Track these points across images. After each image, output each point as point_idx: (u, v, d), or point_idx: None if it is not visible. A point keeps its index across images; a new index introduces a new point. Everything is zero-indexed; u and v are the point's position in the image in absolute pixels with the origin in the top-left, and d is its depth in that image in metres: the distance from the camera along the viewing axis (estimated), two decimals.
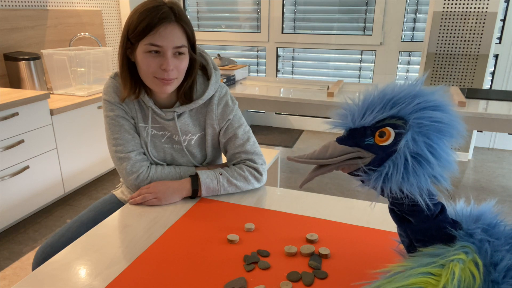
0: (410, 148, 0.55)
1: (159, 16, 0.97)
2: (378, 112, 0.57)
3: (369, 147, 0.58)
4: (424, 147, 0.55)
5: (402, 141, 0.56)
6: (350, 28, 3.54)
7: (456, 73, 3.01)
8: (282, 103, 2.43)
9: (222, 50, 4.06)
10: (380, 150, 0.57)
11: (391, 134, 0.57)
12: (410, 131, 0.56)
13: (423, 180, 0.56)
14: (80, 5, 3.07)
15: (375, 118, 0.57)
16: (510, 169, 3.05)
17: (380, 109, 0.57)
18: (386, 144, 0.57)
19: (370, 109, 0.58)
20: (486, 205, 0.63)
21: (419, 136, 0.55)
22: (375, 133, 0.58)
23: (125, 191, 1.24)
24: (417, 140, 0.55)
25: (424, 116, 0.55)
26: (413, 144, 0.55)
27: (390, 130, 0.57)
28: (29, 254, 1.97)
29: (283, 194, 1.12)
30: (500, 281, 0.54)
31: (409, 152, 0.55)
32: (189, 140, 1.16)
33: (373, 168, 0.58)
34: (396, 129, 0.57)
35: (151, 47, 0.99)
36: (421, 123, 0.55)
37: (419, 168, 0.55)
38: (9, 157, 2.00)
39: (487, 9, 2.79)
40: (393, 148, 0.57)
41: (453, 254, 0.55)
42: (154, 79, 1.02)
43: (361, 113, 0.59)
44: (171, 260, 0.82)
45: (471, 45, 2.90)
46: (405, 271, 0.56)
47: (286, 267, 0.80)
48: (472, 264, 0.54)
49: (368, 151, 0.58)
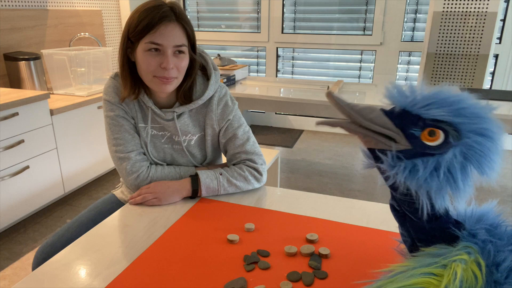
0: (448, 162, 0.54)
1: (160, 15, 0.97)
2: (444, 112, 0.54)
3: (411, 137, 0.55)
4: (459, 168, 0.54)
5: (447, 153, 0.54)
6: (350, 28, 3.54)
7: (456, 73, 3.01)
8: (282, 103, 2.43)
9: (222, 50, 4.06)
10: (419, 146, 0.55)
11: (439, 138, 0.54)
12: (459, 147, 0.54)
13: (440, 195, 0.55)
14: (80, 5, 3.07)
15: (436, 115, 0.54)
16: (510, 169, 3.05)
17: (448, 111, 0.54)
18: (429, 144, 0.54)
19: (437, 104, 0.55)
20: (488, 206, 0.63)
21: (461, 156, 0.54)
22: (426, 128, 0.55)
23: (125, 191, 1.24)
24: (458, 159, 0.54)
25: (477, 140, 0.54)
26: (454, 160, 0.54)
27: (441, 134, 0.54)
28: (29, 254, 1.97)
29: (283, 194, 1.12)
30: (502, 282, 0.54)
31: (444, 164, 0.54)
32: (189, 141, 1.16)
33: (401, 157, 0.56)
34: (447, 137, 0.55)
35: (151, 46, 0.99)
36: (470, 145, 0.54)
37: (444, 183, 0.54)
38: (9, 157, 2.00)
39: (487, 9, 2.79)
40: (431, 151, 0.55)
41: (455, 254, 0.55)
42: (154, 78, 1.02)
43: (425, 102, 0.55)
44: (171, 260, 0.82)
45: (471, 45, 2.90)
46: (407, 271, 0.56)
47: (286, 267, 0.80)
48: (474, 264, 0.54)
49: (407, 139, 0.55)
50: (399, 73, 3.51)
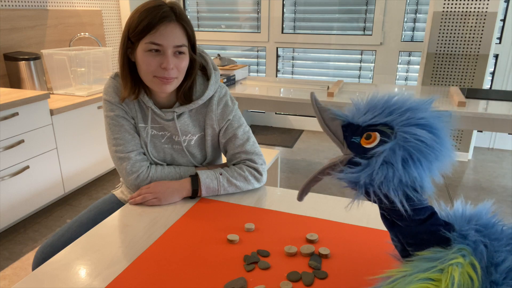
0: (386, 157, 0.56)
1: (160, 15, 0.98)
2: (375, 116, 0.59)
3: (352, 144, 0.60)
4: (400, 161, 0.56)
5: (382, 148, 0.57)
6: (350, 28, 3.54)
7: (456, 73, 3.01)
8: (282, 103, 2.43)
9: (222, 50, 4.06)
10: (360, 151, 0.59)
11: (376, 139, 0.58)
12: (393, 142, 0.57)
13: (393, 182, 0.56)
14: (80, 5, 3.07)
15: (369, 120, 0.59)
16: (510, 169, 3.05)
17: (378, 114, 0.59)
18: (368, 146, 0.58)
19: (370, 111, 0.60)
20: (482, 206, 0.63)
21: (400, 149, 0.56)
22: (364, 134, 0.59)
23: (125, 191, 1.24)
24: (396, 153, 0.56)
25: (410, 132, 0.56)
26: (392, 155, 0.56)
27: (377, 135, 0.58)
28: (29, 254, 1.97)
29: (283, 194, 1.12)
30: (500, 282, 0.54)
31: (384, 160, 0.56)
32: (189, 141, 1.16)
33: (351, 166, 0.59)
34: (383, 136, 0.58)
35: (152, 46, 0.99)
36: (406, 138, 0.56)
37: (389, 174, 0.56)
38: (9, 157, 2.00)
39: (487, 9, 2.79)
40: (373, 152, 0.58)
41: (451, 258, 0.55)
42: (154, 78, 1.02)
43: (362, 112, 0.60)
44: (171, 260, 0.82)
45: (471, 45, 2.90)
46: (405, 276, 0.56)
47: (286, 267, 0.80)
48: (469, 267, 0.54)
49: (349, 148, 0.60)
50: (399, 73, 3.51)
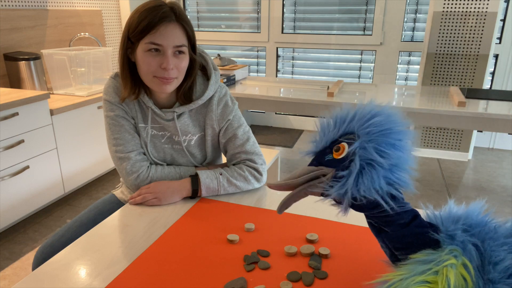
0: (361, 155, 0.60)
1: (160, 15, 0.97)
2: (331, 132, 0.65)
3: (329, 162, 0.64)
4: (374, 151, 0.59)
5: (352, 150, 0.61)
6: (350, 28, 3.54)
7: (456, 73, 3.01)
8: (282, 103, 2.43)
9: (222, 50, 4.06)
10: (338, 163, 0.63)
11: (345, 147, 0.63)
12: (359, 141, 0.61)
13: (377, 181, 0.59)
14: (80, 5, 3.07)
15: (330, 138, 0.65)
16: (510, 169, 3.05)
17: (332, 130, 0.65)
18: (341, 156, 0.63)
19: (336, 125, 0.66)
20: (473, 205, 0.63)
21: (368, 143, 0.60)
22: (331, 149, 0.65)
23: (125, 191, 1.24)
24: (366, 148, 0.60)
25: (368, 124, 0.61)
26: (363, 152, 0.60)
27: (344, 144, 0.63)
28: (29, 254, 1.97)
29: (283, 194, 1.12)
30: (497, 281, 0.54)
31: (360, 159, 0.60)
32: (189, 141, 1.16)
33: (336, 180, 0.62)
34: (349, 143, 0.62)
35: (152, 46, 0.99)
36: (368, 132, 0.61)
37: (373, 171, 0.59)
38: (9, 157, 2.00)
39: (487, 9, 2.79)
40: (349, 159, 0.61)
41: (444, 259, 0.56)
42: (154, 78, 1.02)
43: (321, 138, 0.67)
44: (171, 260, 0.82)
45: (471, 45, 2.90)
46: (402, 280, 0.56)
47: (286, 267, 0.80)
48: (462, 267, 0.55)
49: (328, 167, 0.64)
50: (399, 73, 3.51)
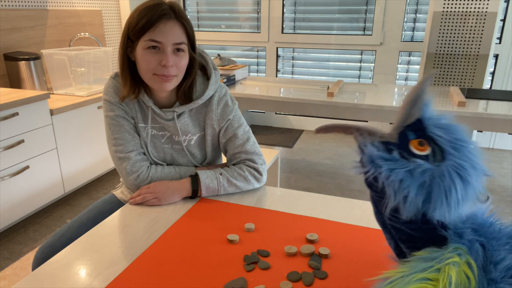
0: (454, 166, 0.55)
1: (159, 13, 0.99)
2: (444, 136, 0.57)
3: (402, 134, 0.58)
4: (467, 168, 0.55)
5: (441, 167, 0.55)
6: (350, 28, 3.54)
7: (456, 73, 3.01)
8: (282, 103, 2.43)
9: (222, 50, 4.06)
10: (403, 145, 0.57)
11: (426, 150, 0.56)
12: (443, 166, 0.55)
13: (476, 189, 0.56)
14: (80, 5, 3.07)
15: (436, 136, 0.57)
16: (510, 169, 3.05)
17: (445, 136, 0.57)
18: (413, 150, 0.57)
19: (443, 129, 0.57)
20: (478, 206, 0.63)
21: (453, 171, 0.55)
22: (419, 138, 0.57)
23: (125, 191, 1.24)
24: (452, 175, 0.55)
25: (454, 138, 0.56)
26: (447, 176, 0.54)
27: (429, 149, 0.56)
28: (29, 254, 1.97)
29: (283, 194, 1.12)
30: (499, 280, 0.54)
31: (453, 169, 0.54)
32: (189, 140, 1.16)
33: (387, 154, 0.57)
34: (434, 153, 0.56)
35: (151, 43, 1.00)
36: (457, 167, 0.55)
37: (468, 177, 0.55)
38: (9, 157, 2.00)
39: (487, 9, 2.79)
40: (409, 156, 0.56)
41: (447, 257, 0.56)
42: (154, 76, 1.03)
43: (437, 123, 0.58)
44: (171, 260, 0.82)
45: (471, 45, 2.90)
46: (403, 277, 0.56)
47: (286, 267, 0.80)
48: (466, 266, 0.55)
49: (397, 133, 0.58)
50: (399, 73, 3.51)
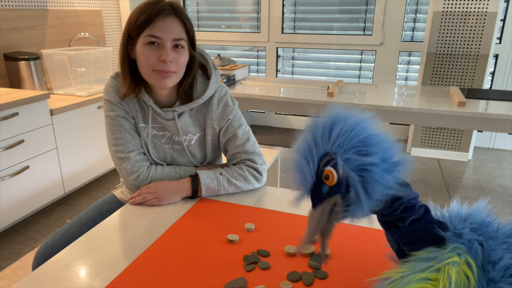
0: (351, 167, 0.55)
1: (158, 9, 1.00)
2: (309, 168, 0.58)
3: (329, 193, 0.58)
4: (358, 156, 0.55)
5: (340, 170, 0.56)
6: (350, 28, 3.54)
7: (456, 73, 3.01)
8: (282, 103, 2.43)
9: (222, 50, 4.06)
10: (338, 188, 0.57)
11: (332, 172, 0.56)
12: (338, 157, 0.56)
13: (383, 180, 0.55)
14: (80, 5, 3.07)
15: (311, 173, 0.58)
16: (510, 169, 3.05)
17: (308, 165, 0.58)
18: (336, 181, 0.57)
19: (303, 171, 0.59)
20: (477, 205, 0.64)
21: (348, 153, 0.56)
22: (322, 180, 0.58)
23: (125, 191, 1.24)
24: (350, 158, 0.55)
25: (334, 140, 0.57)
26: (350, 163, 0.55)
27: (329, 169, 0.57)
28: (29, 254, 1.97)
29: (283, 194, 1.12)
30: (498, 280, 0.54)
31: (353, 170, 0.55)
32: (189, 140, 1.16)
33: (348, 203, 0.57)
34: (331, 164, 0.57)
35: (150, 39, 1.00)
36: (338, 144, 0.56)
37: (372, 173, 0.55)
38: (9, 157, 2.00)
39: (487, 9, 2.79)
40: (344, 178, 0.56)
41: (447, 257, 0.56)
42: (153, 72, 1.03)
43: (303, 179, 0.59)
44: (171, 260, 0.82)
45: (471, 45, 2.90)
46: (404, 277, 0.56)
47: (286, 267, 0.80)
48: (465, 265, 0.55)
49: (332, 196, 0.58)
50: (399, 73, 3.51)
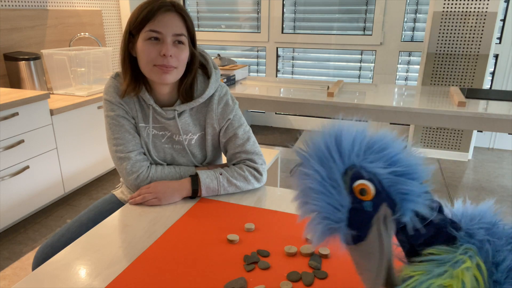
0: (393, 187, 0.52)
1: (159, 4, 1.01)
2: (335, 189, 0.51)
3: (375, 207, 0.51)
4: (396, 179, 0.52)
5: (371, 177, 0.52)
6: (350, 28, 3.54)
7: (456, 73, 3.01)
8: (282, 103, 2.43)
9: (222, 50, 4.06)
10: (379, 197, 0.52)
11: (366, 184, 0.51)
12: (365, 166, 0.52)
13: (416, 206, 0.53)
14: (80, 5, 3.07)
15: (342, 192, 0.51)
16: (510, 169, 3.05)
17: (334, 185, 0.51)
18: (374, 193, 0.51)
19: (326, 196, 0.51)
20: (485, 205, 0.63)
21: (387, 173, 0.52)
22: (357, 198, 0.51)
23: (125, 191, 1.24)
24: (390, 177, 0.52)
25: (369, 155, 0.53)
26: (387, 180, 0.52)
27: (366, 184, 0.51)
28: (29, 254, 1.97)
29: (283, 194, 1.12)
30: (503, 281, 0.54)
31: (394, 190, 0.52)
32: (189, 140, 1.16)
33: (398, 216, 0.53)
34: (363, 176, 0.52)
35: (151, 34, 1.01)
36: (373, 163, 0.52)
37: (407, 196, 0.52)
38: (9, 157, 2.00)
39: (487, 9, 2.79)
40: (382, 193, 0.52)
41: (460, 259, 0.55)
42: (154, 67, 1.03)
43: (329, 207, 0.52)
44: (171, 260, 0.82)
45: (471, 45, 2.90)
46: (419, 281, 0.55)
47: (286, 267, 0.80)
48: (476, 269, 0.54)
49: (378, 209, 0.52)
50: (399, 73, 3.51)
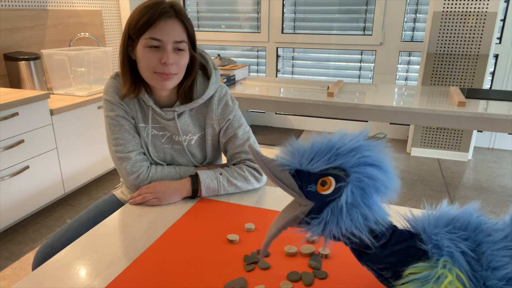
0: (348, 200, 0.57)
1: (160, 11, 0.99)
2: (324, 161, 0.58)
3: (310, 194, 0.58)
4: (360, 199, 0.57)
5: (343, 194, 0.57)
6: (350, 28, 3.54)
7: (456, 73, 3.01)
8: (282, 103, 2.43)
9: (222, 50, 4.06)
10: (319, 198, 0.58)
11: (332, 184, 0.57)
12: (350, 184, 0.57)
13: (358, 221, 0.57)
14: (80, 5, 3.07)
15: (320, 166, 0.58)
16: (510, 169, 3.05)
17: (327, 159, 0.58)
18: (326, 193, 0.57)
19: (317, 157, 0.58)
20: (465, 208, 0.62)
21: (357, 189, 0.57)
22: (318, 180, 0.58)
23: (125, 191, 1.24)
24: (354, 194, 0.57)
25: (363, 171, 0.57)
26: (351, 197, 0.57)
27: (331, 180, 0.57)
28: (29, 254, 1.97)
29: (283, 194, 1.12)
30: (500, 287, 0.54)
31: (346, 203, 0.57)
32: (189, 140, 1.16)
33: (314, 216, 0.58)
34: (337, 180, 0.57)
35: (152, 42, 1.00)
36: (359, 178, 0.57)
37: (354, 214, 0.57)
38: (9, 157, 2.00)
39: (487, 9, 2.79)
40: (332, 198, 0.57)
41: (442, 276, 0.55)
42: (154, 74, 1.03)
43: (309, 158, 0.59)
44: (171, 260, 0.82)
45: (471, 45, 2.90)
46: None
47: (286, 267, 0.80)
48: (457, 281, 0.54)
49: (307, 198, 0.58)
50: (399, 73, 3.51)
